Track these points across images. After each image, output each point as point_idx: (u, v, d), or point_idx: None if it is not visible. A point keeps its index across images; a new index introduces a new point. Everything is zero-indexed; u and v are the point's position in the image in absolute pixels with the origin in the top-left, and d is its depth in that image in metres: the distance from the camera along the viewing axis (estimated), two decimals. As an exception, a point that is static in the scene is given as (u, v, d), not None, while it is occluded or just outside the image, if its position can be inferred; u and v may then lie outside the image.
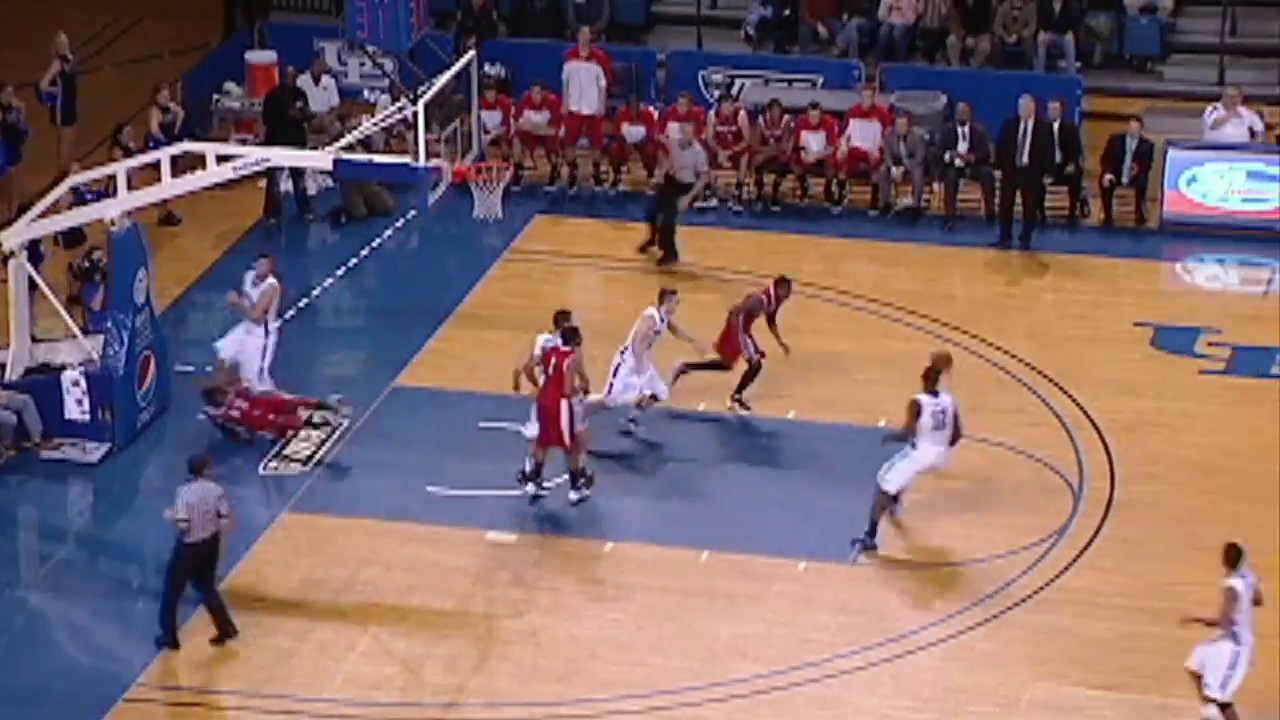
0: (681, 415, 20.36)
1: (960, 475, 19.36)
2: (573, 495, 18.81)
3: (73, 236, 21.72)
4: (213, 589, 17.15)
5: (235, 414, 19.95)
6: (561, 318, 19.12)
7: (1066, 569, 17.95)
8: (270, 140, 24.03)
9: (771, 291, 20.62)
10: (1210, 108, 24.56)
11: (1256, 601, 15.69)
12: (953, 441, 18.18)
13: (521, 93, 25.66)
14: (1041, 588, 17.69)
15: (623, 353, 19.88)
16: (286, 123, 24.48)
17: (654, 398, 19.95)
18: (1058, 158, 24.03)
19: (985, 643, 17.04)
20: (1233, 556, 15.69)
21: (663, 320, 20.06)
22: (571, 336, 18.74)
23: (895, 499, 18.41)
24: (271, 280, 20.47)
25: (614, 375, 19.82)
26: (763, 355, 20.27)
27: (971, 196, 24.52)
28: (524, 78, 26.05)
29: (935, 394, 18.07)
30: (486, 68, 25.53)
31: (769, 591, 17.78)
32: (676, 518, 18.80)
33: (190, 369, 20.85)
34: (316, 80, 25.82)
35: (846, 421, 20.27)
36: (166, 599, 17.09)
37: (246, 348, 20.41)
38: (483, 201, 21.65)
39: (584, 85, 25.31)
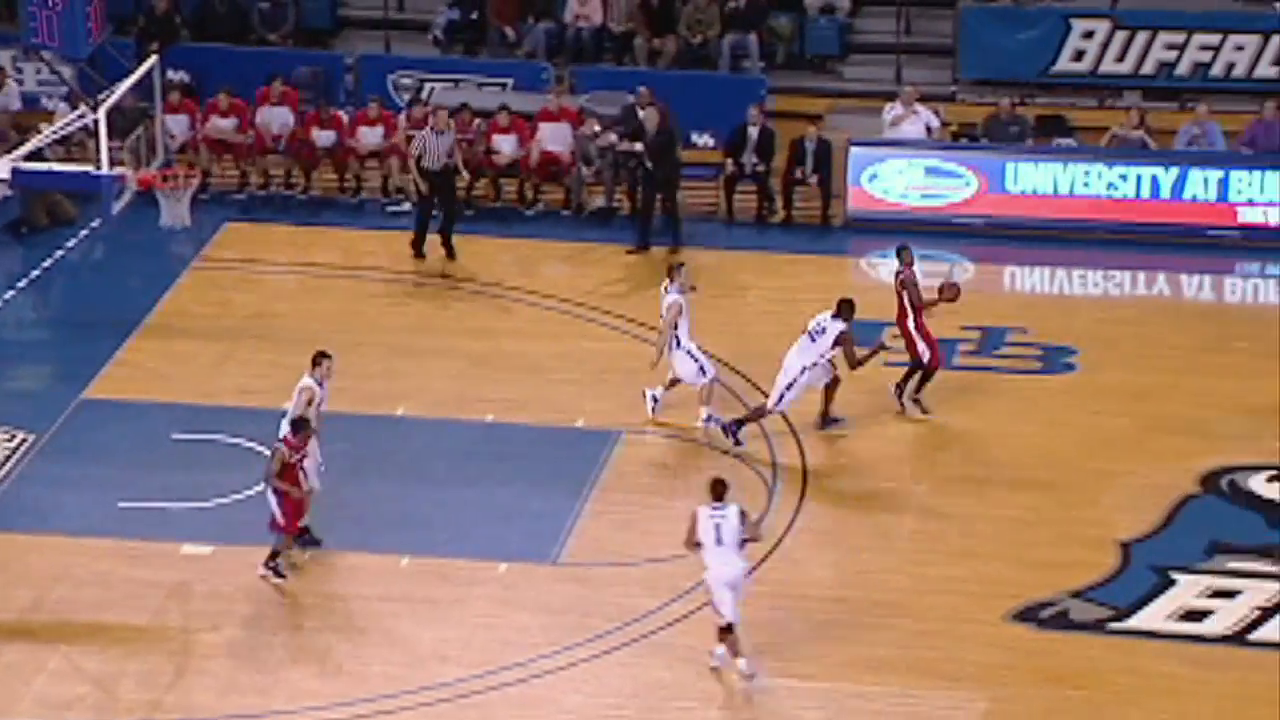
0: (378, 420, 20.25)
1: (658, 473, 19.60)
2: (260, 569, 17.89)
3: None
4: None
5: None
6: (321, 358, 18.27)
7: (762, 561, 18.24)
8: None
9: (904, 271, 20.35)
10: (889, 106, 25.21)
11: (743, 542, 16.45)
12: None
13: (207, 99, 25.30)
14: (738, 581, 17.96)
15: (678, 345, 19.95)
16: None
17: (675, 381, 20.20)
18: (754, 159, 24.51)
19: (685, 638, 17.25)
20: (718, 490, 16.50)
21: (682, 294, 20.01)
22: (302, 427, 17.73)
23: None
24: None
25: (694, 360, 19.96)
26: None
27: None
28: (209, 83, 25.69)
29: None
30: (170, 74, 25.12)
31: (470, 595, 17.79)
32: (376, 524, 18.69)
33: None
34: None
35: (544, 422, 20.37)
36: None
37: None
38: (170, 209, 21.33)
39: (274, 124, 25.09)
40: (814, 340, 19.70)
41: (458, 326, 22.39)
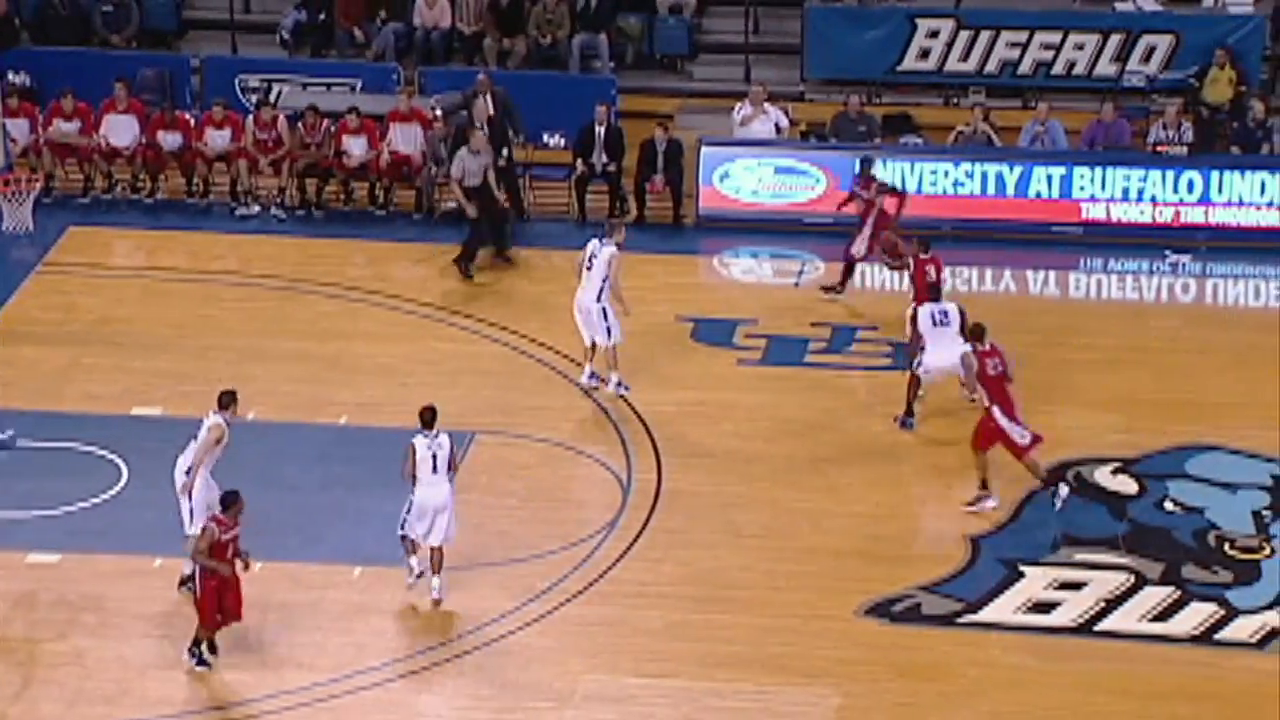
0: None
1: (512, 474, 19.58)
2: (186, 657, 16.96)
3: None
4: None
5: None
6: (230, 400, 17.59)
7: (618, 561, 18.30)
8: None
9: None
10: (738, 105, 25.35)
11: (452, 467, 17.33)
12: None
13: (49, 101, 24.94)
14: (594, 581, 18.00)
15: (599, 298, 20.25)
16: None
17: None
18: (604, 158, 24.57)
19: (540, 639, 17.26)
20: (427, 418, 17.35)
21: (618, 250, 20.39)
22: (232, 501, 16.57)
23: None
24: None
25: (606, 319, 20.26)
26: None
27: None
28: (51, 86, 25.34)
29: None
30: (11, 76, 24.76)
31: (324, 599, 17.67)
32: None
33: None
34: None
35: (397, 424, 20.24)
36: None
37: None
38: (12, 214, 21.06)
39: (122, 132, 24.76)
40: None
41: (309, 329, 22.24)
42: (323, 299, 23.03)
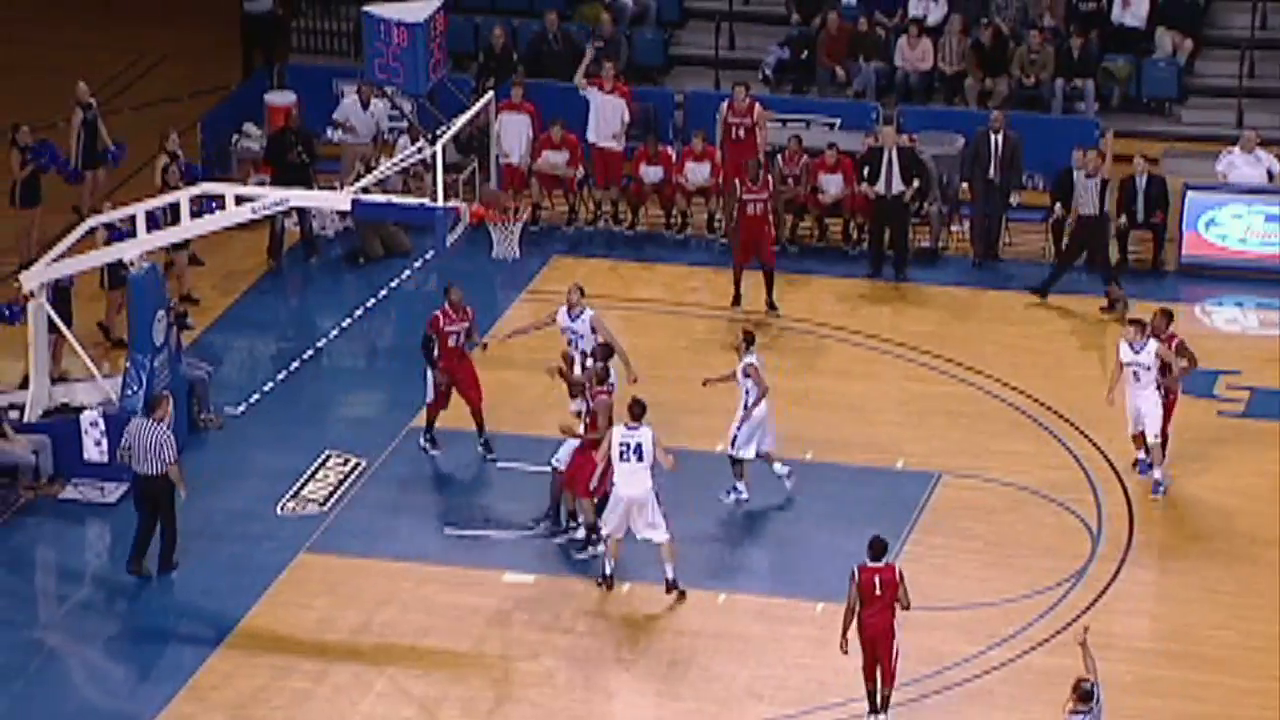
0: (699, 455, 20.22)
1: (978, 518, 19.35)
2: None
3: (116, 277, 21.77)
4: (168, 525, 18.55)
5: None
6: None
7: (1085, 611, 17.91)
8: (276, 182, 23.88)
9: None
10: (1226, 150, 24.56)
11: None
12: None
13: (539, 133, 25.70)
14: (1060, 630, 17.64)
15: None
16: (287, 165, 24.50)
17: None
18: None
19: (1004, 685, 17.00)
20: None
21: None
22: (880, 550, 16.21)
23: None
24: None
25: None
26: None
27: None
28: (542, 117, 26.10)
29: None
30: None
31: (786, 634, 17.74)
32: (693, 559, 18.74)
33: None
34: (365, 105, 25.75)
35: (863, 462, 20.23)
36: (136, 529, 18.64)
37: None
38: (501, 242, 21.67)
39: (607, 118, 25.29)
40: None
41: (777, 364, 22.25)
42: (794, 334, 23.15)
